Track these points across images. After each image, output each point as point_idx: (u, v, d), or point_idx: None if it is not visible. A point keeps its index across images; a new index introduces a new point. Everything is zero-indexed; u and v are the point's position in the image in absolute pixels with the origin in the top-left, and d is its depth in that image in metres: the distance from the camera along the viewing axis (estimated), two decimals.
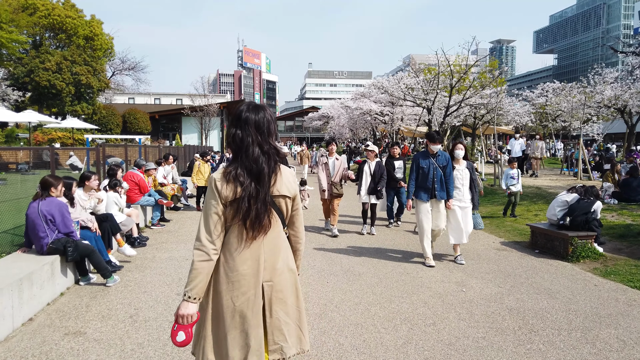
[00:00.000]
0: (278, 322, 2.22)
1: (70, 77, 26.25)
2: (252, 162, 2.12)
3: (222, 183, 2.12)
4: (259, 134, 2.16)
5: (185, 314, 2.11)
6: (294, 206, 2.32)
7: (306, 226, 9.35)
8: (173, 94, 65.21)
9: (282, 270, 2.24)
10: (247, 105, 2.23)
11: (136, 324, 4.25)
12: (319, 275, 5.90)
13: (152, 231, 8.79)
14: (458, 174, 6.53)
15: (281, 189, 2.21)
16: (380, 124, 35.43)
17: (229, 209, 2.13)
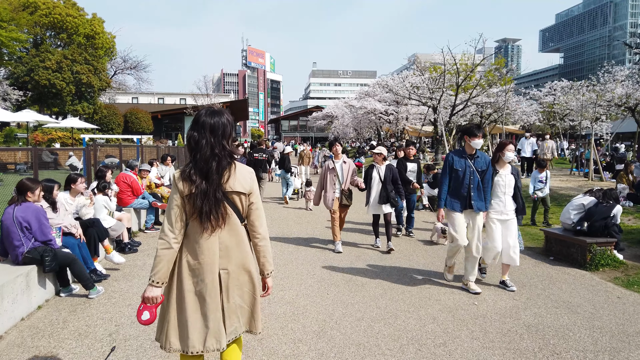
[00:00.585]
0: (234, 306, 2.48)
1: (70, 76, 25.94)
2: (203, 162, 2.35)
3: (180, 180, 2.39)
4: (212, 136, 2.37)
5: (150, 296, 2.39)
6: (250, 201, 2.51)
7: (310, 230, 8.98)
8: (176, 93, 64.97)
9: (239, 260, 2.47)
10: (205, 110, 2.46)
11: (114, 344, 3.85)
12: (319, 286, 5.48)
13: (145, 235, 8.40)
14: (500, 181, 5.36)
15: (234, 186, 2.42)
16: (384, 124, 34.97)
17: (187, 204, 2.39)
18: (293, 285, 5.50)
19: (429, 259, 6.89)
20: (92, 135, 18.16)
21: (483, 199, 5.19)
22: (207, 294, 2.40)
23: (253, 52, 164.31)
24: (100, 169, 7.54)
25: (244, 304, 2.53)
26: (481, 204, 5.18)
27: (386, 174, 7.21)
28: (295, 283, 5.58)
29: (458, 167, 5.19)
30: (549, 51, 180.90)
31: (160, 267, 2.36)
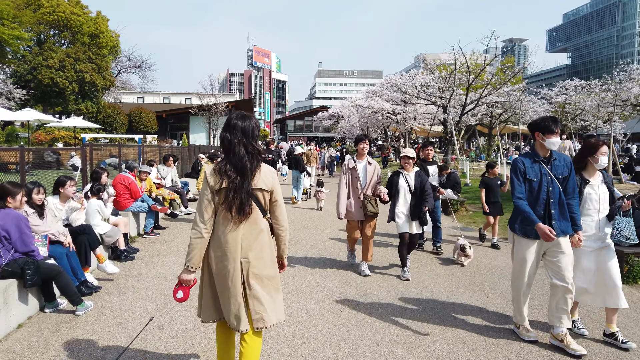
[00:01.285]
0: (256, 293, 2.73)
1: (73, 75, 25.58)
2: (238, 160, 2.67)
3: (212, 176, 2.70)
4: (244, 137, 2.70)
5: (186, 279, 2.78)
6: (273, 198, 2.83)
7: (319, 235, 8.45)
8: (182, 93, 64.70)
9: (259, 250, 2.75)
10: (236, 114, 2.78)
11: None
12: (330, 301, 4.96)
13: (144, 241, 7.91)
14: (592, 193, 4.03)
15: (259, 184, 2.73)
16: (391, 123, 34.39)
17: (216, 197, 2.69)
18: (302, 300, 4.99)
19: (451, 277, 6.35)
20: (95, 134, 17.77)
21: (568, 217, 3.83)
22: (230, 279, 2.70)
23: (259, 52, 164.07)
24: (95, 170, 7.06)
25: (265, 293, 2.78)
26: (566, 225, 3.81)
27: (416, 184, 5.85)
28: (304, 298, 5.06)
29: (532, 176, 3.84)
30: (556, 51, 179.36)
31: (194, 255, 2.71)
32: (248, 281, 2.73)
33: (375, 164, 6.10)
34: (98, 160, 14.13)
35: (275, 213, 2.86)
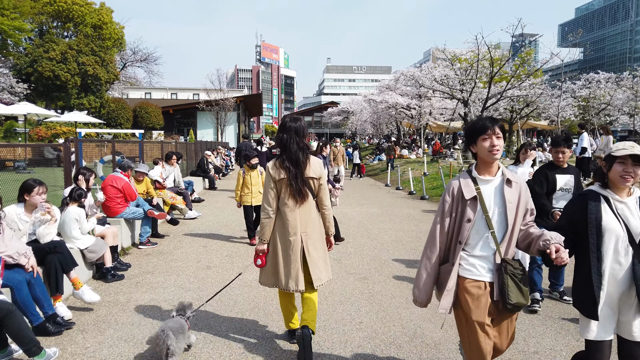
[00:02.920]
0: (314, 259, 3.48)
1: (76, 68, 24.56)
2: (293, 154, 3.39)
3: (274, 170, 3.41)
4: (297, 136, 3.42)
5: (261, 249, 3.52)
6: (320, 184, 3.52)
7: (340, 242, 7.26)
8: (190, 88, 63.70)
9: (314, 225, 3.52)
10: (289, 117, 3.54)
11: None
12: (371, 345, 3.76)
13: (138, 253, 6.76)
14: None
15: (309, 172, 3.46)
16: (404, 119, 33.04)
17: (279, 185, 3.43)
18: (335, 344, 3.80)
19: None
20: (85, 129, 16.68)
21: None
22: (291, 249, 3.43)
23: (267, 47, 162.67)
24: (80, 171, 5.92)
25: (319, 258, 3.53)
26: None
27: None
28: (337, 341, 3.87)
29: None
30: (568, 46, 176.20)
31: (265, 230, 3.47)
32: (308, 249, 3.43)
33: (521, 185, 2.57)
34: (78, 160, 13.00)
35: (320, 195, 3.54)
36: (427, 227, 8.94)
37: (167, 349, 3.24)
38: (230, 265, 6.11)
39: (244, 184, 7.37)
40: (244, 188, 7.38)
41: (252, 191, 7.32)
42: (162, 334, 3.28)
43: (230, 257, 6.50)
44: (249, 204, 7.38)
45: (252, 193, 7.31)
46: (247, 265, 5.54)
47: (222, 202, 12.10)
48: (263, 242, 3.49)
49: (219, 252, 6.76)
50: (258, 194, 7.31)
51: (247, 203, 7.38)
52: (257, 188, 7.36)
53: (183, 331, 3.44)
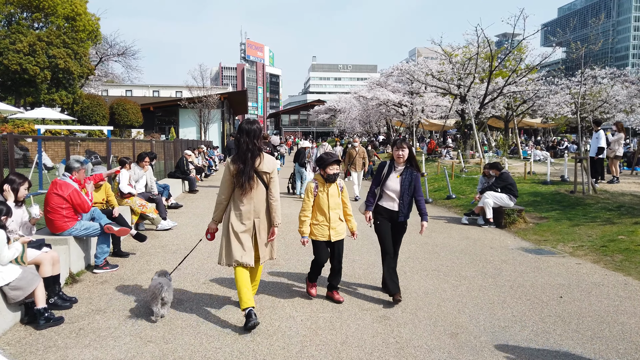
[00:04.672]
0: (263, 241, 4.15)
1: (45, 61, 22.73)
2: (242, 153, 4.00)
3: (231, 164, 4.04)
4: (247, 137, 4.00)
5: (212, 227, 4.24)
6: (271, 177, 4.12)
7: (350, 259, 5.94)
8: (172, 86, 61.73)
9: (264, 213, 4.13)
10: (245, 120, 4.17)
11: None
12: None
13: (92, 280, 5.33)
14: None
15: (263, 168, 4.04)
16: (395, 116, 31.84)
17: (234, 178, 4.03)
18: None
19: None
20: (44, 126, 15.05)
21: None
22: (246, 232, 4.08)
23: (252, 45, 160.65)
24: (8, 178, 4.50)
25: (267, 240, 4.18)
26: None
27: None
28: None
29: None
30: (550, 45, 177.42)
31: (217, 213, 4.18)
32: (259, 233, 4.12)
33: None
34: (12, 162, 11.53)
35: (270, 186, 4.14)
36: (441, 239, 7.66)
37: (162, 299, 4.09)
38: (209, 298, 4.74)
39: (317, 206, 4.55)
40: (316, 213, 4.56)
41: (331, 218, 4.51)
42: (158, 285, 4.08)
43: (209, 286, 5.12)
44: (325, 239, 4.53)
45: (331, 220, 4.52)
46: (201, 238, 5.62)
47: (203, 208, 10.67)
48: (215, 222, 4.22)
49: (195, 279, 5.37)
50: (339, 222, 4.59)
51: (322, 237, 4.52)
52: (337, 213, 4.58)
53: (170, 286, 4.27)
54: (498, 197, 8.78)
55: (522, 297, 4.86)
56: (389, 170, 4.72)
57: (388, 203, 4.71)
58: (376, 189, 4.77)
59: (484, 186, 9.24)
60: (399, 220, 4.72)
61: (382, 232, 4.73)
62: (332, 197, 4.52)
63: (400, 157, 4.65)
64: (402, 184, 4.63)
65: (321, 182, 4.56)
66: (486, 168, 9.31)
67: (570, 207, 9.53)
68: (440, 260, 6.35)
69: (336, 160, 4.46)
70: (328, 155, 4.53)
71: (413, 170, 4.68)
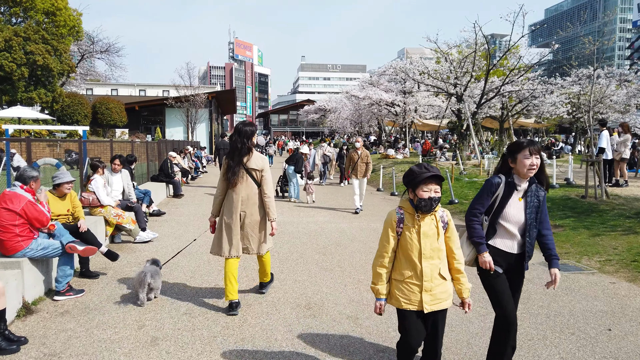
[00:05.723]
0: (247, 234, 4.43)
1: (22, 57, 21.57)
2: (232, 151, 4.38)
3: (224, 160, 4.45)
4: (239, 136, 4.36)
5: (210, 221, 4.59)
6: (262, 175, 4.41)
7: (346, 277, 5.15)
8: (159, 85, 60.43)
9: (253, 207, 4.41)
10: (241, 122, 4.49)
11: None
12: None
13: (51, 310, 4.46)
14: None
15: (251, 165, 4.36)
16: (387, 116, 31.15)
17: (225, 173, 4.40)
18: None
19: None
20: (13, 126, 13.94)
21: None
22: (233, 224, 4.36)
23: (240, 44, 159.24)
24: None
25: (254, 234, 4.45)
26: None
27: None
28: None
29: None
30: (538, 46, 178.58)
31: (215, 207, 4.51)
32: (244, 225, 4.40)
33: None
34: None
35: (262, 184, 4.42)
36: None
37: (148, 285, 4.50)
38: (191, 336, 3.90)
39: (402, 251, 2.96)
40: (401, 262, 2.96)
41: (424, 273, 2.87)
42: (142, 274, 4.49)
43: (191, 317, 4.28)
44: (415, 307, 2.85)
45: (425, 277, 2.87)
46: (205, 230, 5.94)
47: (188, 215, 9.80)
48: (213, 215, 4.56)
49: (175, 307, 4.52)
50: (438, 280, 2.87)
51: (409, 305, 2.83)
52: (436, 265, 2.88)
53: (159, 275, 4.69)
54: None
55: (564, 330, 4.10)
56: (507, 191, 3.02)
57: (505, 242, 3.07)
58: (486, 219, 3.11)
59: None
60: (520, 268, 3.15)
61: (497, 288, 3.05)
62: (428, 238, 2.79)
63: (532, 169, 2.96)
64: (528, 212, 3.02)
65: (409, 212, 2.82)
66: None
67: (585, 214, 8.86)
68: None
69: (435, 176, 2.72)
70: (421, 167, 2.78)
71: (540, 188, 3.08)
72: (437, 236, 2.80)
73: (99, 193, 6.83)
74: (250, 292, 4.97)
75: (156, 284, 4.58)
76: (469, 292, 2.88)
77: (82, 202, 6.77)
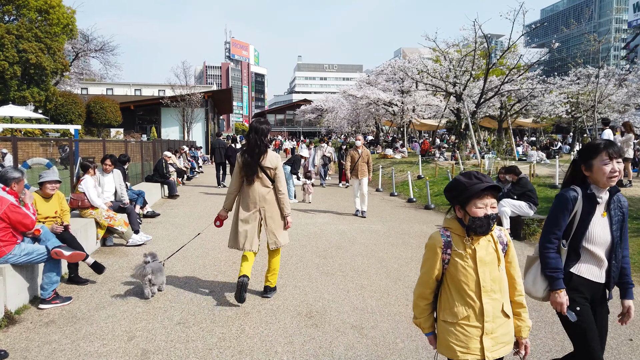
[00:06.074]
0: (271, 228, 4.52)
1: (15, 55, 21.21)
2: (250, 149, 4.43)
3: (240, 157, 4.49)
4: (256, 134, 4.43)
5: (222, 214, 4.63)
6: (275, 173, 4.50)
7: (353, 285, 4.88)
8: (155, 84, 59.97)
9: (271, 204, 4.51)
10: (256, 120, 4.57)
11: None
12: None
13: (35, 320, 4.18)
14: None
15: (266, 163, 4.44)
16: (385, 115, 30.91)
17: (242, 170, 4.49)
18: None
19: None
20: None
21: None
22: (251, 219, 4.48)
23: (236, 44, 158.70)
24: None
25: (275, 228, 4.54)
26: None
27: None
28: None
29: None
30: (534, 47, 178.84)
31: (228, 202, 4.62)
32: (266, 221, 4.51)
33: None
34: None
35: (276, 182, 4.53)
36: None
37: (149, 279, 4.59)
38: (185, 349, 3.63)
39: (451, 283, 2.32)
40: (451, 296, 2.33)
41: (486, 311, 2.24)
42: (141, 268, 4.59)
43: (185, 327, 4.01)
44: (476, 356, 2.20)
45: (486, 317, 2.25)
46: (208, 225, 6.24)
47: (183, 217, 9.52)
48: (225, 209, 4.65)
49: (168, 316, 4.25)
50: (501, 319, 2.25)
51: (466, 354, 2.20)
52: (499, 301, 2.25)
53: (160, 269, 4.75)
54: (516, 205, 7.83)
55: None
56: (587, 206, 2.51)
57: (591, 269, 2.54)
58: (564, 243, 2.56)
59: (503, 192, 8.30)
60: (603, 298, 2.64)
61: (583, 325, 2.51)
62: (487, 265, 2.18)
63: (614, 176, 2.46)
64: (614, 229, 2.51)
65: (458, 233, 2.22)
66: (502, 172, 8.36)
67: None
68: None
69: (493, 187, 2.13)
70: (471, 177, 2.16)
71: (621, 196, 2.58)
72: (498, 262, 2.18)
73: (90, 194, 6.55)
74: (249, 298, 4.71)
75: (157, 280, 4.65)
76: (528, 332, 2.31)
77: (72, 203, 6.50)
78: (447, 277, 2.22)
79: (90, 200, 6.55)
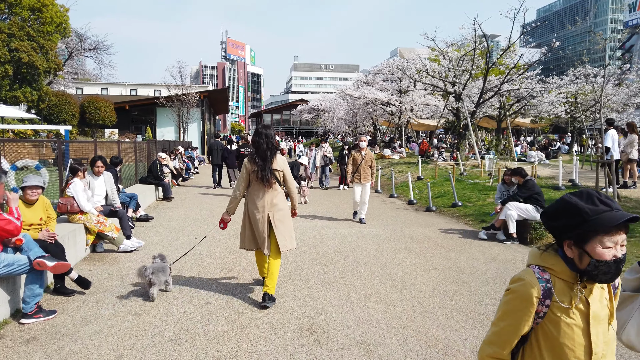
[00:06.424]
0: (280, 232, 4.57)
1: (6, 54, 20.84)
2: (262, 153, 4.52)
3: (248, 163, 4.57)
4: (266, 138, 4.53)
5: (225, 218, 4.76)
6: (284, 175, 4.67)
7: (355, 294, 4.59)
8: (150, 84, 59.57)
9: (279, 207, 4.61)
10: (262, 125, 4.66)
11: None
12: None
13: (15, 336, 3.87)
14: None
15: (275, 166, 4.56)
16: (382, 115, 30.66)
17: (251, 175, 4.58)
18: None
19: None
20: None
21: None
22: (260, 223, 4.54)
23: (233, 44, 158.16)
24: None
25: (285, 231, 4.61)
26: None
27: None
28: None
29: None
30: (530, 47, 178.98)
31: (232, 206, 4.73)
32: (274, 223, 4.54)
33: None
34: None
35: (286, 183, 4.73)
36: (464, 261, 6.38)
37: (150, 280, 4.58)
38: None
39: (550, 352, 1.68)
40: None
41: None
42: (143, 269, 4.61)
43: (177, 345, 3.72)
44: None
45: None
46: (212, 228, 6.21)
47: (178, 221, 9.21)
48: (228, 213, 4.76)
49: (159, 332, 3.95)
50: None
51: None
52: None
53: (163, 270, 4.75)
54: (523, 208, 7.57)
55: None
56: None
57: None
58: None
59: (504, 195, 8.04)
60: None
61: None
62: (601, 323, 1.60)
63: None
64: None
65: (565, 278, 1.59)
66: (507, 174, 8.10)
67: None
68: (474, 293, 5.05)
69: (633, 219, 1.48)
70: (595, 202, 1.53)
71: None
72: (610, 318, 1.61)
73: (79, 198, 6.24)
74: (246, 310, 4.42)
75: (159, 280, 4.67)
76: None
77: (60, 208, 6.19)
78: (538, 336, 1.60)
79: (80, 204, 6.24)
